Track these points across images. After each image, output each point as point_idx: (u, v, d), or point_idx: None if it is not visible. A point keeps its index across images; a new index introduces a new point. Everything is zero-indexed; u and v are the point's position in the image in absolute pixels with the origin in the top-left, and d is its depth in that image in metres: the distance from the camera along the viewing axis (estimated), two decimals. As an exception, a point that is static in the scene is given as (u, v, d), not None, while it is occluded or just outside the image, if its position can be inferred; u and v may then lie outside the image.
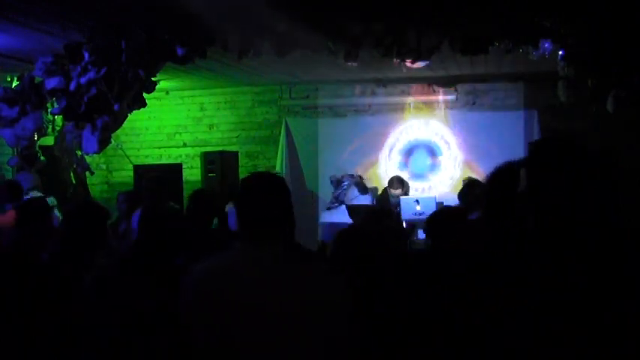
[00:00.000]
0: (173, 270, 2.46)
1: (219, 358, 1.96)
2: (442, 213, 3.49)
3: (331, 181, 7.59)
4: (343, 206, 5.76)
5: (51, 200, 5.75)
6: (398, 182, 6.96)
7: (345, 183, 7.32)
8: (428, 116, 8.49)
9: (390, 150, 8.55)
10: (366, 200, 6.95)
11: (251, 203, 2.07)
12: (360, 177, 7.57)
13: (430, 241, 3.43)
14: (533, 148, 1.82)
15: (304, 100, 8.89)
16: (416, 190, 8.04)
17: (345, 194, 7.13)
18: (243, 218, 2.07)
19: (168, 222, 2.73)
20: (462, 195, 5.16)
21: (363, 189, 7.24)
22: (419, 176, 8.41)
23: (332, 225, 6.31)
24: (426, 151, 8.47)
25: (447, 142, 8.39)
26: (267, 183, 2.12)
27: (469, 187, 5.22)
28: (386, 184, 7.17)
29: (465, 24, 4.85)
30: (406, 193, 7.01)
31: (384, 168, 8.47)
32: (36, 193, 5.79)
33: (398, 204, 6.69)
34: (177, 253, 2.72)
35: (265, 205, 2.06)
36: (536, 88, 8.02)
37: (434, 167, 8.42)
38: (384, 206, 6.73)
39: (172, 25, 5.04)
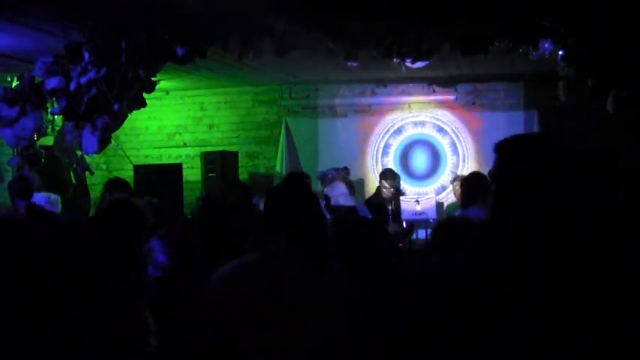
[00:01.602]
0: None
1: (230, 355, 1.98)
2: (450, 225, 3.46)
3: (318, 178, 7.10)
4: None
5: (54, 198, 5.77)
6: (391, 174, 6.95)
7: (329, 176, 6.98)
8: (427, 116, 8.49)
9: (388, 149, 8.55)
10: (348, 201, 6.56)
11: (272, 204, 2.11)
12: (347, 169, 7.22)
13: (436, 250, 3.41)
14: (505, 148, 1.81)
15: (304, 100, 8.88)
16: (419, 194, 8.02)
17: (331, 190, 6.76)
18: (268, 220, 2.12)
19: None
20: (462, 187, 5.04)
21: (350, 187, 6.86)
22: (419, 177, 8.42)
23: None
24: (426, 150, 8.47)
25: (447, 143, 8.39)
26: (286, 185, 2.18)
27: (469, 180, 5.00)
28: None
29: (465, 24, 4.85)
30: (398, 186, 6.97)
31: (381, 168, 8.47)
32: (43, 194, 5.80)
33: (392, 199, 6.67)
34: None
35: (282, 205, 2.11)
36: (536, 88, 8.02)
37: (435, 167, 8.42)
38: (379, 203, 6.65)
39: (172, 25, 5.04)
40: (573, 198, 1.71)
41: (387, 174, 6.95)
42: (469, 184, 4.59)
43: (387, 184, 6.80)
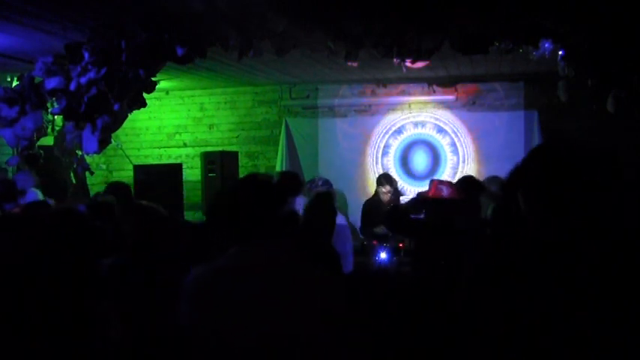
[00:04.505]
0: None
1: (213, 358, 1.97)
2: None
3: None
4: None
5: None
6: (385, 180, 6.91)
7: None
8: (428, 116, 8.49)
9: (388, 150, 8.55)
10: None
11: (242, 204, 2.08)
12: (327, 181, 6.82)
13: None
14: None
15: (304, 100, 8.89)
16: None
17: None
18: (235, 219, 2.08)
19: None
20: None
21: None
22: (419, 177, 8.41)
23: None
24: (426, 151, 8.47)
25: (447, 143, 8.39)
26: (257, 185, 2.13)
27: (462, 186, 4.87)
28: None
29: (465, 24, 4.84)
30: (396, 190, 6.95)
31: (381, 168, 8.47)
32: (36, 191, 5.81)
33: (391, 202, 6.65)
34: None
35: (255, 205, 2.06)
36: (536, 88, 8.02)
37: (435, 167, 8.42)
38: (381, 208, 6.60)
39: (172, 25, 5.04)
40: (578, 199, 1.72)
41: (381, 181, 6.90)
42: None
43: (383, 190, 6.80)
